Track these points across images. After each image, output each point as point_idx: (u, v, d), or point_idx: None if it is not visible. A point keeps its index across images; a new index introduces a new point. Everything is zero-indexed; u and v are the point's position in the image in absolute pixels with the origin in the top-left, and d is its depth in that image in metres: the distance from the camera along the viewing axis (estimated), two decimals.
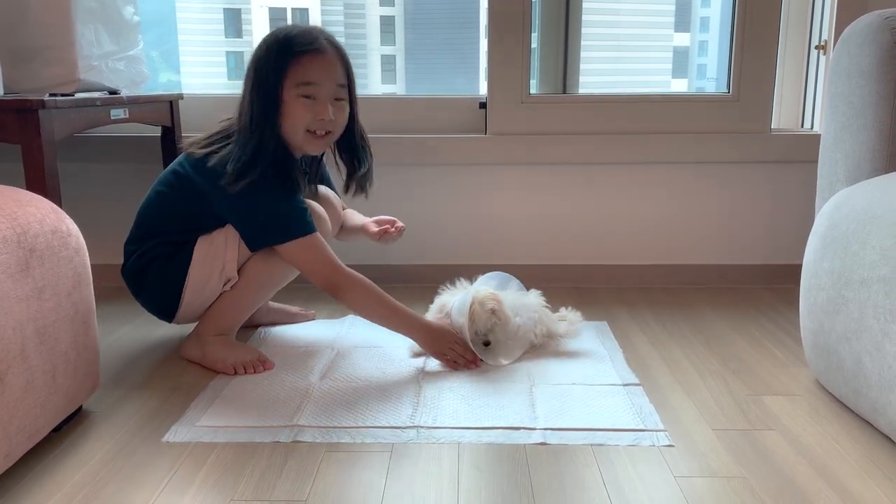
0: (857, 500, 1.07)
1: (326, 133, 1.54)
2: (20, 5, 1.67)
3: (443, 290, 1.72)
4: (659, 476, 1.13)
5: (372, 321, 1.58)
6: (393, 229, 1.76)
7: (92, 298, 1.29)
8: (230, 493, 1.09)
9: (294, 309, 1.90)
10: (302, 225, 1.51)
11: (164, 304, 1.60)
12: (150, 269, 1.58)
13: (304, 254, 1.52)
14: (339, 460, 1.19)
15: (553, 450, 1.22)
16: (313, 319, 1.89)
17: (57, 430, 1.26)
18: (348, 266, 1.54)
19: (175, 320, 1.64)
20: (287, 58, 1.46)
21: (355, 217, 1.85)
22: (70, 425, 1.30)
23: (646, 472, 1.15)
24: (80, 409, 1.33)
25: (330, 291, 1.53)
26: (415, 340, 1.58)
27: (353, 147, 1.64)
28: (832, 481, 1.12)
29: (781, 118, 2.31)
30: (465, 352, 1.55)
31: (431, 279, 1.76)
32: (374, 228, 1.77)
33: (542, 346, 1.66)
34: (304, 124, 1.50)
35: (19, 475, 1.13)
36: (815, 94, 2.23)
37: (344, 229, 1.81)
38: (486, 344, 1.58)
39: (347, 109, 1.56)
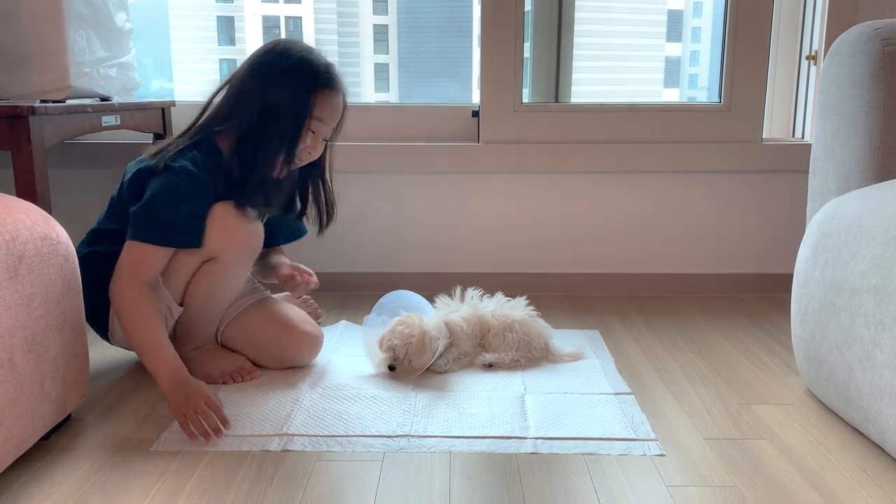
0: None
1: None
2: (11, 11, 1.67)
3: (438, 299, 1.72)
4: (650, 485, 1.13)
5: (129, 334, 1.39)
6: (300, 279, 1.63)
7: (81, 306, 1.29)
8: (219, 503, 1.08)
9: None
10: (168, 236, 1.40)
11: (95, 314, 1.47)
12: (84, 273, 1.36)
13: (129, 254, 1.39)
14: (329, 469, 1.18)
15: (545, 459, 1.21)
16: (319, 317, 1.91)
17: (45, 438, 1.25)
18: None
19: (112, 340, 1.55)
20: (313, 89, 1.43)
21: (277, 256, 1.74)
22: (59, 434, 1.29)
23: (637, 481, 1.14)
24: (69, 417, 1.32)
25: (110, 295, 1.39)
26: (160, 385, 1.34)
27: (325, 186, 1.61)
28: (823, 490, 1.12)
29: (772, 128, 2.32)
30: (211, 418, 1.29)
31: (421, 287, 1.76)
32: (286, 271, 1.65)
33: (541, 357, 1.65)
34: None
35: (7, 484, 1.12)
36: (805, 103, 2.25)
37: (266, 264, 1.70)
38: (391, 368, 1.55)
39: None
